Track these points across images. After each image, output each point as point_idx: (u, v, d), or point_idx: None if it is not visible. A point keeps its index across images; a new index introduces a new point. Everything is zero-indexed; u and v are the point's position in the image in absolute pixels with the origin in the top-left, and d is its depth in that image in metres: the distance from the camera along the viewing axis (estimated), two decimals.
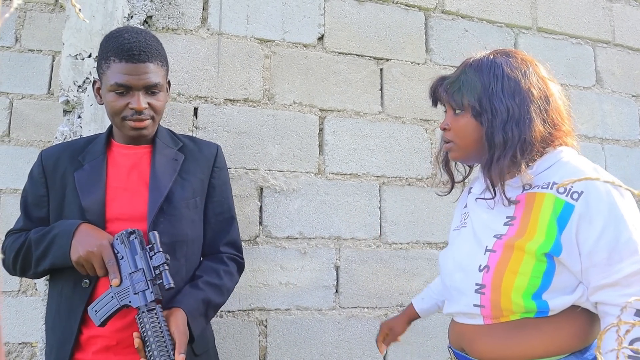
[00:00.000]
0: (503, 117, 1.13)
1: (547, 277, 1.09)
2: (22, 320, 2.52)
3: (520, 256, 1.10)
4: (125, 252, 1.26)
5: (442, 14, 2.30)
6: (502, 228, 1.16)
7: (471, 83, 1.18)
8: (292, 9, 2.06)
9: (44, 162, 1.42)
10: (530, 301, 1.09)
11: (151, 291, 1.23)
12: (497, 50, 1.24)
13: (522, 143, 1.12)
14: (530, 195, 1.15)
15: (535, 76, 1.18)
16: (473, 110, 1.17)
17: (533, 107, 1.13)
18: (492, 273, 1.13)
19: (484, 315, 1.15)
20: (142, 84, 1.34)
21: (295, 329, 1.93)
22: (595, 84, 2.57)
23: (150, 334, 1.18)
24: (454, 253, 1.26)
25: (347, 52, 2.12)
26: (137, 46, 1.33)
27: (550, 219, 1.09)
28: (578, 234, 1.06)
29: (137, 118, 1.35)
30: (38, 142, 2.51)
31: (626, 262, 1.02)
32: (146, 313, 1.21)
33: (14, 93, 2.52)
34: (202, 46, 1.93)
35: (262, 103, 1.99)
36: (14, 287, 2.54)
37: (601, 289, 1.05)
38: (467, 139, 1.20)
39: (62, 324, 1.34)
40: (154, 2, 1.88)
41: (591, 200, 1.06)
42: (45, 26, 2.59)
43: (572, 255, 1.07)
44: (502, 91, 1.14)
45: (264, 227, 1.93)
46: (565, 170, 1.13)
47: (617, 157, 2.54)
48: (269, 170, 1.96)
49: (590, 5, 2.61)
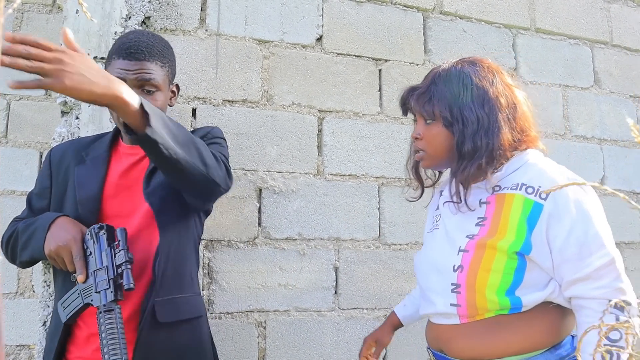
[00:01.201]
0: (473, 127, 1.17)
1: (518, 273, 1.13)
2: (19, 322, 2.51)
3: (493, 254, 1.14)
4: (93, 247, 1.24)
5: (440, 14, 2.30)
6: (473, 229, 1.19)
7: (441, 93, 1.21)
8: (290, 9, 2.06)
9: (52, 157, 1.47)
10: (504, 297, 1.13)
11: (112, 291, 1.19)
12: (464, 59, 1.26)
13: (490, 151, 1.16)
14: (500, 197, 1.19)
15: (502, 84, 1.22)
16: (444, 120, 1.20)
17: (501, 115, 1.17)
18: (466, 272, 1.16)
19: (460, 315, 1.18)
20: (135, 79, 1.33)
21: (294, 330, 1.92)
22: (593, 85, 2.57)
23: (104, 336, 1.15)
24: (429, 255, 1.29)
25: (345, 52, 2.12)
26: (136, 44, 1.35)
27: (520, 219, 1.13)
28: (548, 231, 1.11)
29: None
30: (35, 144, 2.50)
31: (595, 255, 1.07)
32: (103, 314, 1.17)
33: (11, 94, 2.51)
34: (201, 47, 1.93)
35: (260, 104, 1.98)
36: (11, 289, 2.53)
37: (574, 283, 1.09)
38: (439, 147, 1.23)
39: (55, 318, 1.37)
40: (152, 3, 1.87)
41: (559, 199, 1.11)
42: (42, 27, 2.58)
43: (542, 252, 1.12)
44: (472, 101, 1.18)
45: (262, 228, 1.93)
46: (533, 172, 1.17)
47: (615, 157, 2.55)
48: (267, 171, 1.95)
49: (588, 6, 2.62)
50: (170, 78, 1.46)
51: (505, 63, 2.39)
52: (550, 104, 2.45)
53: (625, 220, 2.50)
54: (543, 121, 2.41)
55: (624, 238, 2.48)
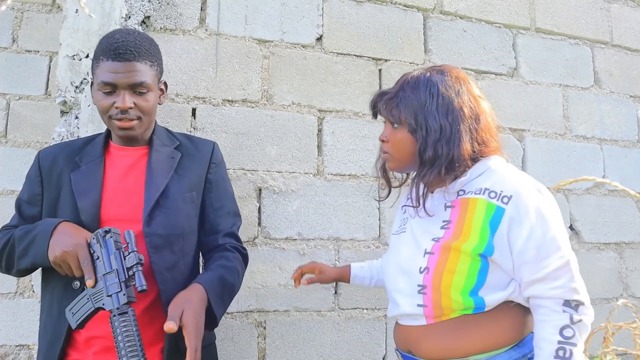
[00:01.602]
0: (436, 135, 1.21)
1: (481, 275, 1.18)
2: (19, 322, 2.50)
3: (457, 256, 1.18)
4: (101, 252, 1.22)
5: (440, 14, 2.30)
6: (439, 231, 1.24)
7: (408, 100, 1.25)
8: (290, 9, 2.06)
9: (41, 162, 1.42)
10: (468, 298, 1.17)
11: (124, 293, 1.18)
12: (434, 67, 1.31)
13: (450, 160, 1.21)
14: (464, 201, 1.23)
15: (468, 95, 1.25)
16: (409, 126, 1.25)
17: (464, 126, 1.22)
18: (431, 274, 1.20)
19: (427, 315, 1.22)
20: (127, 82, 1.32)
21: (294, 330, 1.92)
22: (593, 85, 2.57)
23: (120, 339, 1.13)
24: (396, 257, 1.33)
25: (345, 52, 2.12)
26: (124, 45, 1.32)
27: (483, 222, 1.18)
28: (509, 234, 1.16)
29: (122, 117, 1.34)
30: (35, 143, 2.49)
31: (552, 257, 1.13)
32: (117, 317, 1.15)
33: (11, 94, 2.51)
34: (201, 47, 1.92)
35: (260, 104, 1.98)
36: (10, 289, 2.52)
37: (532, 284, 1.15)
38: (403, 152, 1.28)
39: (52, 325, 1.33)
40: (151, 3, 1.87)
41: (520, 204, 1.16)
42: (42, 27, 2.58)
43: (503, 254, 1.17)
44: (436, 109, 1.22)
45: (262, 228, 1.92)
46: (495, 178, 1.21)
47: (615, 157, 2.54)
48: (267, 171, 1.95)
49: (588, 6, 2.61)
50: (159, 76, 1.44)
51: (505, 63, 2.39)
52: (550, 104, 2.45)
53: (625, 220, 2.50)
54: (543, 121, 2.41)
55: (624, 238, 2.48)
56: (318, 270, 1.65)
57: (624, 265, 2.47)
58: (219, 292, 1.33)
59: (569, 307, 1.12)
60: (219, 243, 1.48)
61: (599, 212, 2.46)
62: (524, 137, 2.37)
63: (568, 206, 2.40)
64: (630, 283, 2.48)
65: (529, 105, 2.40)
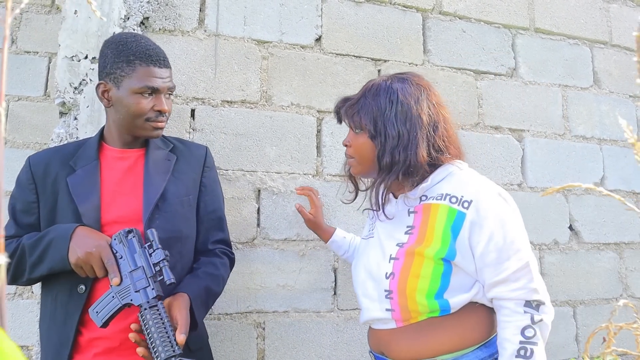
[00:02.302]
0: (394, 142, 1.24)
1: (445, 278, 1.21)
2: (18, 323, 2.50)
3: (421, 261, 1.22)
4: (124, 251, 1.26)
5: (439, 15, 2.30)
6: (403, 237, 1.28)
7: (368, 107, 1.29)
8: (289, 10, 2.06)
9: (33, 168, 1.40)
10: (433, 301, 1.20)
11: (152, 288, 1.23)
12: (397, 74, 1.34)
13: (407, 166, 1.24)
14: (426, 206, 1.27)
15: (427, 102, 1.28)
16: (369, 132, 1.28)
17: (421, 133, 1.24)
18: (397, 279, 1.23)
19: (395, 319, 1.26)
20: (167, 87, 1.41)
21: (293, 331, 1.92)
22: (593, 85, 2.57)
23: (154, 330, 1.18)
24: (365, 263, 1.36)
25: (344, 53, 2.12)
26: (157, 52, 1.41)
27: (445, 227, 1.21)
28: (471, 238, 1.19)
29: (160, 119, 1.41)
30: (34, 144, 2.49)
31: (512, 259, 1.17)
32: (149, 310, 1.20)
33: (9, 95, 2.51)
34: (199, 47, 1.92)
35: (259, 104, 1.98)
36: (10, 290, 2.52)
37: (494, 285, 1.19)
38: (365, 157, 1.31)
39: (57, 330, 1.32)
40: (150, 4, 1.87)
41: (480, 208, 1.19)
42: (41, 28, 2.58)
43: (466, 258, 1.20)
44: (395, 116, 1.25)
45: (261, 229, 1.92)
46: (456, 183, 1.25)
47: (615, 157, 2.54)
48: (266, 172, 1.95)
49: (587, 6, 2.61)
50: None
51: (504, 63, 2.39)
52: (549, 104, 2.44)
53: (624, 221, 2.49)
54: (542, 121, 2.41)
55: (623, 238, 2.48)
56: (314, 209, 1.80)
57: (624, 266, 2.47)
58: (203, 300, 1.38)
59: (530, 307, 1.16)
60: (209, 248, 1.53)
61: (598, 213, 2.46)
62: (523, 137, 2.37)
63: (568, 206, 2.40)
64: (630, 283, 2.47)
65: (528, 106, 2.40)
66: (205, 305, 1.41)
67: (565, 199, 2.40)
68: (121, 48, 1.38)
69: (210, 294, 1.43)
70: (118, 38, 1.42)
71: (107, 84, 1.40)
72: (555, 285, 2.31)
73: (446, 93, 2.23)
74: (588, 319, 2.34)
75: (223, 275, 1.50)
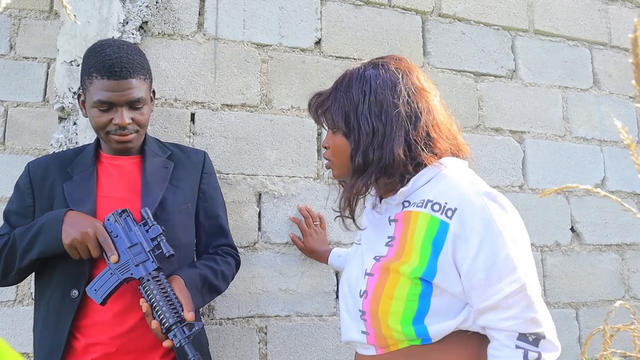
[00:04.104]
0: (368, 139, 1.07)
1: (423, 300, 1.01)
2: (18, 330, 2.48)
3: (397, 279, 1.02)
4: (119, 229, 1.28)
5: (439, 17, 2.30)
6: (383, 249, 1.10)
7: (340, 101, 1.12)
8: (288, 13, 2.05)
9: (31, 174, 1.42)
10: (409, 327, 1.01)
11: (152, 260, 1.26)
12: (374, 59, 1.16)
13: (382, 167, 1.06)
14: (406, 214, 1.08)
15: (407, 89, 1.09)
16: (342, 130, 1.12)
17: (398, 127, 1.06)
18: (369, 299, 1.06)
19: (372, 344, 1.08)
20: (125, 100, 1.34)
21: (295, 336, 1.90)
22: (592, 86, 2.56)
23: (159, 298, 1.21)
24: (348, 274, 1.21)
25: (344, 56, 2.11)
26: (118, 62, 1.33)
27: (424, 241, 1.02)
28: (455, 254, 0.99)
29: (121, 133, 1.36)
30: (33, 150, 2.48)
31: (505, 281, 0.95)
32: (151, 280, 1.23)
33: (8, 101, 2.50)
34: (199, 51, 1.92)
35: (259, 108, 1.97)
36: (10, 297, 2.51)
37: (483, 312, 0.98)
38: (342, 158, 1.13)
39: (50, 335, 1.32)
40: (149, 8, 1.86)
41: (465, 217, 0.99)
42: (40, 33, 2.57)
43: (449, 277, 1.00)
44: (368, 109, 1.07)
45: (262, 233, 1.91)
46: (441, 186, 1.05)
47: (616, 158, 2.54)
48: (267, 175, 1.94)
49: (586, 7, 2.61)
50: (151, 87, 1.46)
51: (504, 65, 2.38)
52: (550, 106, 2.44)
53: (626, 222, 2.49)
54: (543, 123, 2.41)
55: (625, 239, 2.47)
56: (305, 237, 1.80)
57: (626, 267, 2.46)
58: (197, 287, 1.37)
59: (525, 341, 0.95)
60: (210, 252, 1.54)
61: (599, 214, 2.45)
62: (524, 139, 2.36)
63: (569, 208, 2.39)
64: (632, 284, 2.46)
65: (528, 107, 2.39)
66: (200, 293, 1.39)
67: (566, 200, 2.39)
68: (88, 59, 1.37)
69: (206, 283, 1.41)
70: (92, 47, 1.40)
71: (83, 94, 1.40)
72: (557, 287, 2.30)
73: (446, 95, 2.22)
74: (591, 320, 2.33)
75: (223, 270, 1.48)
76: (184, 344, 1.19)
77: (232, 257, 1.56)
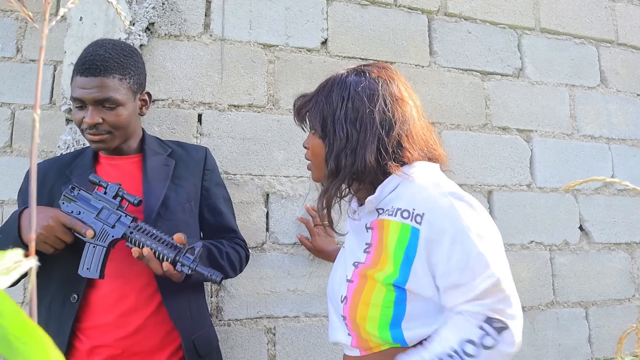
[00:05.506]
0: (341, 144, 1.09)
1: (399, 306, 1.03)
2: None
3: (373, 286, 1.06)
4: (77, 206, 1.28)
5: (445, 16, 2.29)
6: (361, 255, 1.12)
7: (319, 105, 1.15)
8: (295, 13, 2.05)
9: None
10: (385, 332, 1.04)
11: (125, 215, 1.25)
12: (359, 66, 1.19)
13: (353, 172, 1.09)
14: (380, 222, 1.10)
15: (384, 98, 1.11)
16: (318, 134, 1.15)
17: (372, 134, 1.08)
18: (349, 305, 1.09)
19: (355, 346, 1.11)
20: (93, 98, 1.31)
21: (304, 336, 1.90)
22: (600, 84, 2.55)
23: (150, 242, 1.21)
24: (332, 278, 1.24)
25: (350, 56, 2.11)
26: (92, 60, 1.31)
27: (396, 249, 1.04)
28: (429, 258, 1.01)
29: (92, 132, 1.34)
30: (41, 152, 2.49)
31: (479, 278, 0.96)
32: (134, 232, 1.23)
33: (15, 103, 2.51)
34: (205, 52, 1.92)
35: (266, 108, 1.97)
36: (17, 300, 2.51)
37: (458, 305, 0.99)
38: (319, 160, 1.16)
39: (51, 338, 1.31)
40: (156, 9, 1.86)
41: (434, 221, 1.00)
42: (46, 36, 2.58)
43: (421, 282, 1.02)
44: (344, 115, 1.10)
45: (270, 233, 1.91)
46: (409, 193, 1.06)
47: (624, 156, 2.52)
48: (274, 175, 1.94)
49: (592, 4, 2.60)
50: (135, 88, 1.40)
51: (511, 64, 2.38)
52: (557, 104, 2.43)
53: (635, 220, 2.47)
54: (550, 121, 2.40)
55: (635, 238, 2.46)
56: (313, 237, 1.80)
57: (635, 266, 2.45)
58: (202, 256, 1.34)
59: (489, 325, 0.95)
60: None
61: (608, 212, 2.44)
62: (531, 137, 2.35)
63: (577, 206, 2.38)
64: None
65: (535, 106, 2.38)
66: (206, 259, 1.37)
67: (574, 198, 2.38)
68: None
69: (211, 257, 1.38)
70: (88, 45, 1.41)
71: None
72: (566, 286, 2.29)
73: (453, 94, 2.22)
74: (601, 320, 2.32)
75: (228, 252, 1.46)
76: (195, 267, 1.19)
77: (241, 247, 1.53)
